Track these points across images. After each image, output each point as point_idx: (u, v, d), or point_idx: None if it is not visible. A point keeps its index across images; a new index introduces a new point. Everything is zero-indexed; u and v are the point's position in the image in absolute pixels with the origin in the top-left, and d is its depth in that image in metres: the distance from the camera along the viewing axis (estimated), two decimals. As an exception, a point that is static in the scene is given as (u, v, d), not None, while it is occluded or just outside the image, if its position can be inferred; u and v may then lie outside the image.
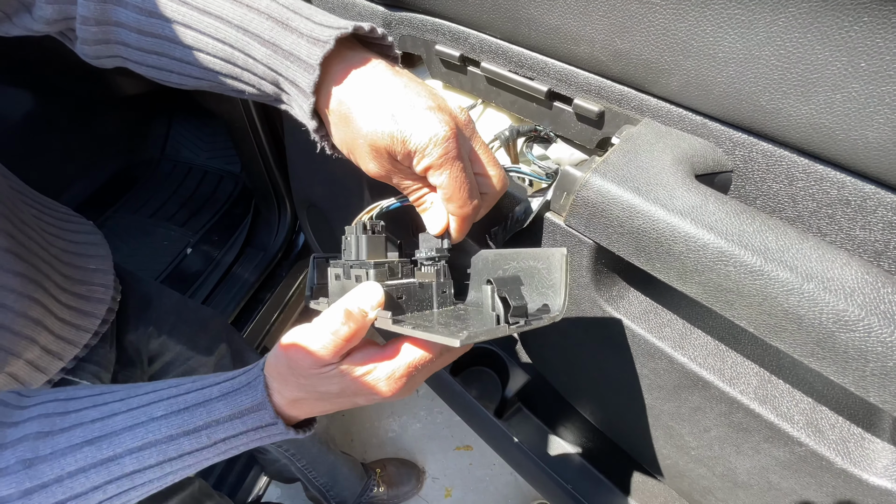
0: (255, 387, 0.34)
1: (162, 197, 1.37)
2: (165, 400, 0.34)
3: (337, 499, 1.23)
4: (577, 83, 0.42)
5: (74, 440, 0.32)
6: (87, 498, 0.32)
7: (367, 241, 0.37)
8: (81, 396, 0.35)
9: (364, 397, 0.35)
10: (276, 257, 1.23)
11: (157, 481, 0.34)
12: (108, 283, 0.63)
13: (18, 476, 0.31)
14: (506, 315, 0.30)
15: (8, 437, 0.32)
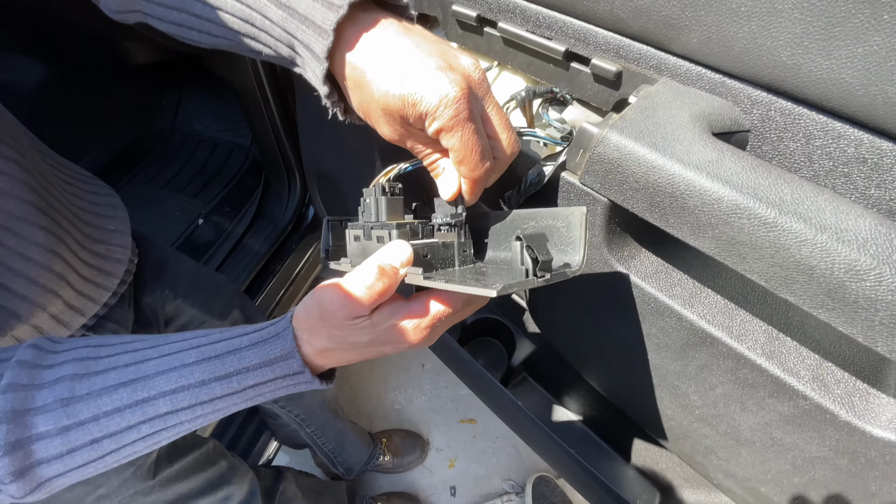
0: (285, 337, 0.36)
1: (174, 168, 1.38)
2: (196, 348, 0.36)
3: (344, 465, 1.27)
4: (596, 42, 0.41)
5: (110, 382, 0.34)
6: (121, 436, 0.34)
7: (386, 203, 0.38)
8: (112, 343, 0.37)
9: (391, 346, 0.37)
10: (287, 229, 1.25)
11: (188, 423, 0.36)
12: (125, 245, 0.64)
13: (56, 414, 0.32)
14: (534, 268, 0.31)
15: (44, 378, 0.34)
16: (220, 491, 0.82)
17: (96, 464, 0.34)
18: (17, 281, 0.47)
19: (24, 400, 0.32)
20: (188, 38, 0.43)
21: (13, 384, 0.32)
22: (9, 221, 0.46)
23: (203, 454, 0.81)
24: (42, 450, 0.32)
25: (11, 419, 0.31)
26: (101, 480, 0.62)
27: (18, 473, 0.32)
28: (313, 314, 0.35)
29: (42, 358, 0.35)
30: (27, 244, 0.47)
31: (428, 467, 1.51)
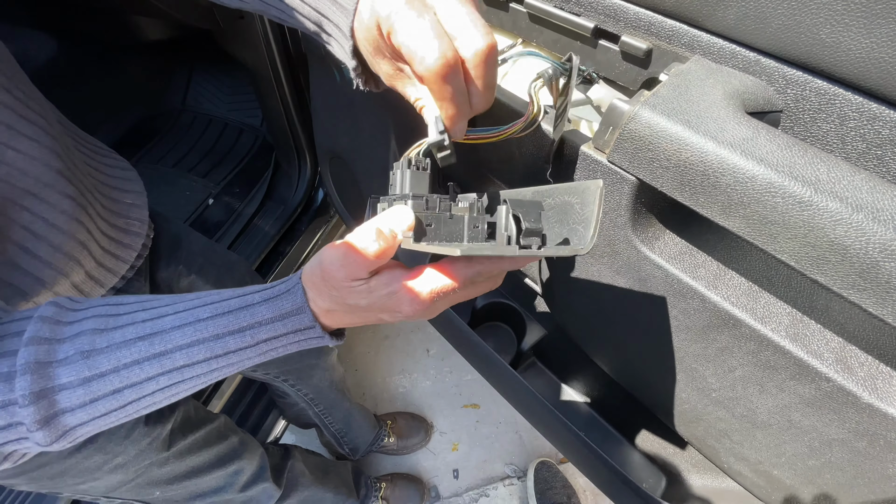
0: (295, 293, 0.36)
1: (183, 148, 1.38)
2: (209, 304, 0.36)
3: (350, 445, 1.29)
4: (627, 18, 0.41)
5: (128, 336, 0.35)
6: (141, 387, 0.35)
7: (410, 176, 0.38)
8: (129, 302, 0.38)
9: (388, 314, 0.37)
10: (296, 211, 1.25)
11: (204, 376, 0.37)
12: (143, 219, 0.64)
13: (78, 366, 0.33)
14: (517, 236, 0.30)
15: (65, 333, 0.35)
16: (231, 465, 0.84)
17: (118, 413, 0.35)
18: (42, 247, 0.47)
19: (46, 352, 0.33)
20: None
21: (35, 337, 0.33)
22: (36, 187, 0.46)
23: (215, 429, 0.82)
24: (65, 399, 0.33)
25: (35, 370, 0.33)
26: (119, 450, 0.63)
27: (44, 421, 0.33)
28: (316, 273, 0.35)
29: (62, 314, 0.36)
30: (53, 211, 0.47)
31: (431, 450, 1.53)
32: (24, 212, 0.45)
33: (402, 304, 0.35)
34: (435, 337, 1.74)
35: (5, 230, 0.44)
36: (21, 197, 0.45)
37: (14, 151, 0.45)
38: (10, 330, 0.35)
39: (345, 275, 0.33)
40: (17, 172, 0.45)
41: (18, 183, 0.45)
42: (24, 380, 0.32)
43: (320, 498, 1.09)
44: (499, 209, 0.31)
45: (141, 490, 0.70)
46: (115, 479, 0.65)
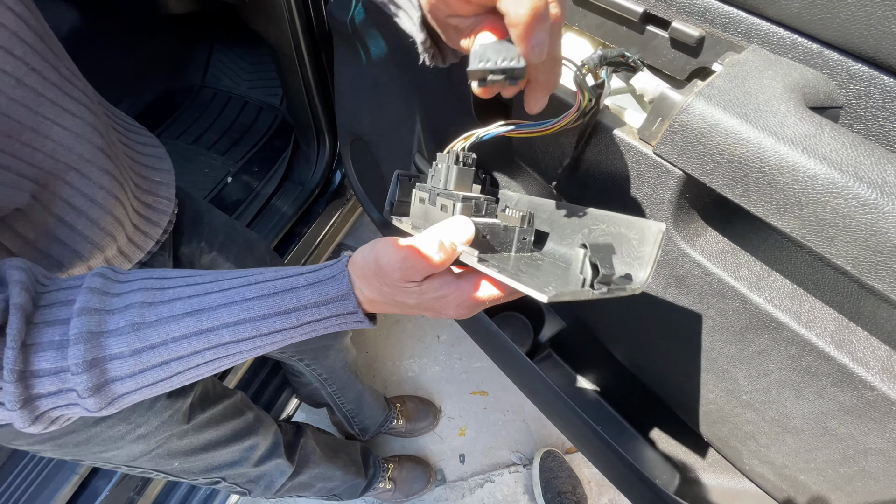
0: (340, 280, 0.37)
1: (202, 125, 1.37)
2: (255, 284, 0.37)
3: (360, 425, 1.31)
4: (678, 4, 0.39)
5: (176, 311, 0.35)
6: (188, 360, 0.36)
7: (457, 173, 0.38)
8: (174, 276, 0.38)
9: (433, 313, 0.38)
10: (314, 193, 1.24)
11: (248, 352, 0.37)
12: (170, 197, 0.64)
13: (129, 337, 0.34)
14: (592, 280, 0.30)
15: (114, 304, 0.35)
16: (247, 440, 0.85)
17: (163, 383, 0.36)
18: (81, 221, 0.47)
19: (98, 323, 0.34)
20: None
21: (86, 308, 0.34)
22: (79, 163, 0.46)
23: (232, 404, 0.83)
24: (116, 368, 0.34)
25: (87, 340, 0.33)
26: (142, 420, 0.64)
27: (95, 389, 0.34)
28: (370, 267, 0.36)
29: (109, 286, 0.36)
30: (93, 187, 0.48)
31: (439, 434, 1.55)
32: (66, 186, 0.46)
33: (448, 308, 0.37)
34: (446, 324, 1.74)
35: (48, 204, 0.45)
36: (64, 172, 0.46)
37: (60, 128, 0.45)
38: (58, 298, 0.35)
39: (400, 276, 0.34)
40: (63, 148, 0.45)
41: (63, 158, 0.45)
42: (77, 349, 0.33)
43: (330, 475, 1.11)
44: (577, 251, 0.31)
45: (160, 461, 0.72)
46: (136, 448, 0.67)
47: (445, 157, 0.38)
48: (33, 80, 0.42)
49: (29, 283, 0.35)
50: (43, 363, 0.33)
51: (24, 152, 0.41)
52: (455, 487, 1.46)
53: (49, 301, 0.35)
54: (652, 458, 0.74)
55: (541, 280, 0.31)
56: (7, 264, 0.35)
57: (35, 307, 0.34)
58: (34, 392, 0.33)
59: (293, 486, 1.01)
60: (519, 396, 1.61)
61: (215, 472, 0.83)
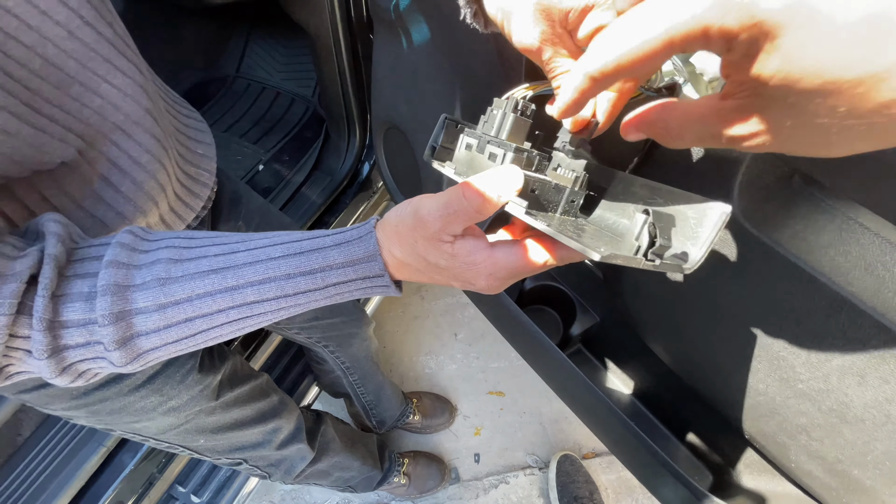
0: (368, 240, 0.36)
1: (235, 114, 1.40)
2: (281, 244, 0.37)
3: (377, 418, 1.31)
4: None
5: (202, 268, 0.35)
6: (212, 318, 0.35)
7: (512, 121, 0.36)
8: (201, 236, 0.38)
9: (461, 283, 0.37)
10: (342, 184, 1.25)
11: (271, 313, 0.37)
12: (211, 170, 0.65)
13: (155, 292, 0.34)
14: (647, 249, 0.29)
15: (141, 260, 0.36)
16: (271, 423, 0.85)
17: (187, 341, 0.36)
18: (126, 183, 0.48)
19: (125, 276, 0.34)
20: None
21: (114, 261, 0.34)
22: (126, 124, 0.47)
23: (258, 386, 0.84)
24: (141, 323, 0.34)
25: (115, 292, 0.33)
26: (173, 393, 0.65)
27: (121, 342, 0.34)
28: (405, 222, 0.35)
29: (138, 243, 0.37)
30: (139, 149, 0.48)
31: (454, 432, 1.53)
32: (112, 146, 0.46)
33: (479, 279, 0.35)
34: (464, 322, 1.74)
35: (94, 162, 0.45)
36: (111, 131, 0.46)
37: (109, 85, 0.45)
38: (89, 254, 0.36)
39: (441, 226, 0.33)
40: (111, 107, 0.46)
41: (111, 117, 0.46)
42: (104, 300, 0.33)
43: (348, 465, 1.11)
44: (637, 216, 0.29)
45: (187, 436, 0.73)
46: (166, 421, 0.67)
47: (503, 104, 0.37)
48: (86, 33, 0.42)
49: (65, 236, 0.35)
50: (71, 314, 0.33)
51: (73, 106, 0.42)
52: (469, 487, 1.44)
53: (81, 256, 0.36)
54: (685, 457, 0.72)
55: (589, 241, 0.29)
56: (45, 217, 0.36)
57: (68, 261, 0.35)
58: (62, 342, 0.33)
59: (311, 474, 1.01)
60: (536, 399, 1.60)
61: (238, 453, 0.84)
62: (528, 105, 0.37)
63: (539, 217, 0.32)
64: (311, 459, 0.97)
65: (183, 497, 1.00)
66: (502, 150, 0.36)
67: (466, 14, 0.39)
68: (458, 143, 0.40)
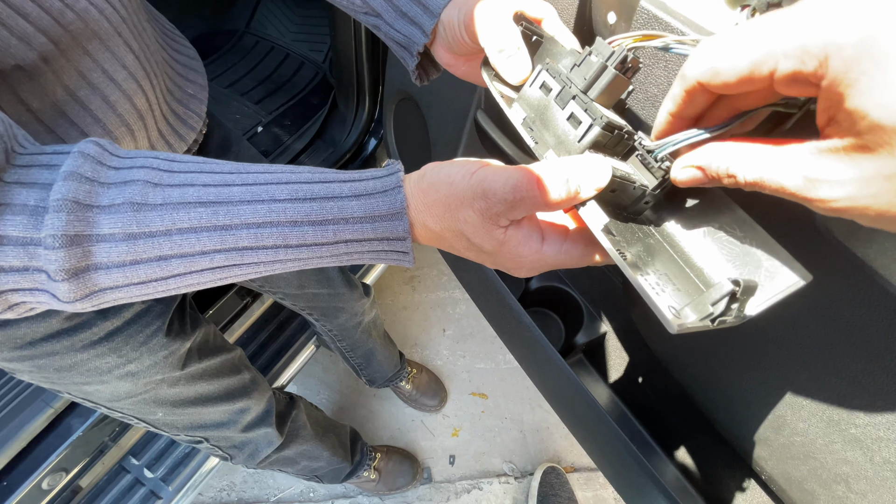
0: (393, 195, 0.30)
1: (240, 70, 1.32)
2: (287, 184, 0.30)
3: (368, 376, 1.30)
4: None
5: (188, 198, 0.28)
6: (192, 260, 0.28)
7: (611, 79, 0.29)
8: (185, 161, 0.31)
9: (496, 265, 0.33)
10: (345, 156, 1.18)
11: (264, 266, 0.30)
12: (200, 113, 0.59)
13: (125, 217, 0.27)
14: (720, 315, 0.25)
15: (111, 177, 0.28)
16: (239, 402, 0.78)
17: (156, 284, 0.29)
18: (96, 100, 0.41)
19: (88, 194, 0.27)
20: None
21: (75, 173, 0.27)
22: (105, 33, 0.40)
23: (229, 360, 0.77)
24: (103, 252, 0.27)
25: (72, 210, 0.26)
26: (134, 355, 0.58)
27: (72, 272, 0.26)
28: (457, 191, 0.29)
29: (107, 157, 0.29)
30: (115, 64, 0.41)
31: (431, 430, 1.47)
32: (85, 57, 0.39)
33: (520, 270, 0.32)
34: (454, 318, 1.68)
35: (60, 72, 0.38)
36: (88, 39, 0.39)
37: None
38: (39, 161, 0.28)
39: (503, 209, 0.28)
40: (95, 11, 0.39)
41: (92, 23, 0.39)
42: (56, 218, 0.26)
43: (317, 455, 1.04)
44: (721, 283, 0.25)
45: (144, 407, 0.65)
46: (122, 387, 0.60)
47: (606, 51, 0.30)
48: None
49: (5, 132, 0.28)
50: (9, 228, 0.26)
51: (54, 6, 0.35)
52: (440, 489, 1.39)
53: (28, 162, 0.28)
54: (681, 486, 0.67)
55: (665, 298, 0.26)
56: None
57: (8, 164, 0.27)
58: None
59: (277, 460, 0.94)
60: (519, 405, 1.54)
61: (199, 431, 0.77)
62: (637, 62, 0.30)
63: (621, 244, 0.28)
64: (278, 445, 0.90)
65: (136, 470, 0.93)
66: (589, 118, 0.29)
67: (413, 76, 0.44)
68: (533, 77, 0.33)
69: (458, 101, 0.72)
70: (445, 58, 0.43)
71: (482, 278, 0.81)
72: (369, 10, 0.43)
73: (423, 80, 0.48)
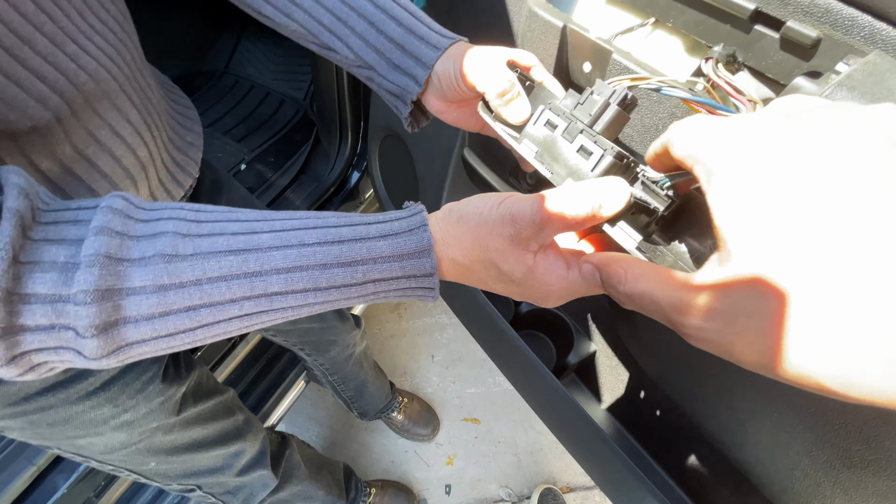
0: (420, 234, 0.32)
1: (221, 109, 1.33)
2: (314, 229, 0.31)
3: (360, 409, 1.28)
4: (795, 3, 0.37)
5: (218, 247, 0.29)
6: (221, 309, 0.29)
7: (614, 115, 0.33)
8: (211, 210, 0.32)
9: (525, 297, 0.34)
10: (329, 191, 1.20)
11: (293, 310, 0.31)
12: (197, 160, 0.60)
13: (157, 269, 0.27)
14: None
15: (140, 230, 0.29)
16: (234, 445, 0.77)
17: (184, 336, 0.29)
18: (104, 157, 0.42)
19: (119, 247, 0.27)
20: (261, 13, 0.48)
21: (106, 228, 0.27)
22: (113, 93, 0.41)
23: (223, 402, 0.75)
24: (134, 306, 0.27)
25: (105, 265, 0.26)
26: (130, 404, 0.57)
27: (102, 328, 0.26)
28: (487, 221, 0.31)
29: (134, 211, 0.30)
30: (122, 121, 0.42)
31: (425, 460, 1.45)
32: (95, 116, 0.41)
33: (549, 300, 0.33)
34: (441, 343, 1.68)
35: (71, 132, 0.39)
36: (99, 100, 0.41)
37: (103, 50, 0.40)
38: (65, 217, 0.28)
39: (533, 232, 0.30)
40: (104, 72, 0.40)
41: (103, 83, 0.40)
42: (89, 273, 0.26)
43: (312, 494, 1.02)
44: None
45: (138, 457, 0.64)
46: (117, 438, 0.59)
47: (607, 91, 0.33)
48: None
49: (30, 190, 0.28)
50: (38, 286, 0.25)
51: (68, 67, 0.36)
52: (438, 520, 1.36)
53: (54, 219, 0.28)
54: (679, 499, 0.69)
55: None
56: (5, 169, 0.28)
57: (35, 222, 0.27)
58: (19, 322, 0.26)
59: (272, 503, 0.92)
60: (512, 427, 1.54)
61: (192, 479, 0.75)
62: (635, 99, 0.33)
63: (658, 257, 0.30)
64: (273, 487, 0.88)
65: (122, 525, 0.88)
66: (600, 149, 0.32)
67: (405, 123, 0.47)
68: (536, 116, 0.36)
69: (444, 138, 0.75)
70: (437, 105, 0.46)
71: (473, 304, 0.83)
72: (363, 63, 0.45)
73: (415, 126, 0.50)
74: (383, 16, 0.44)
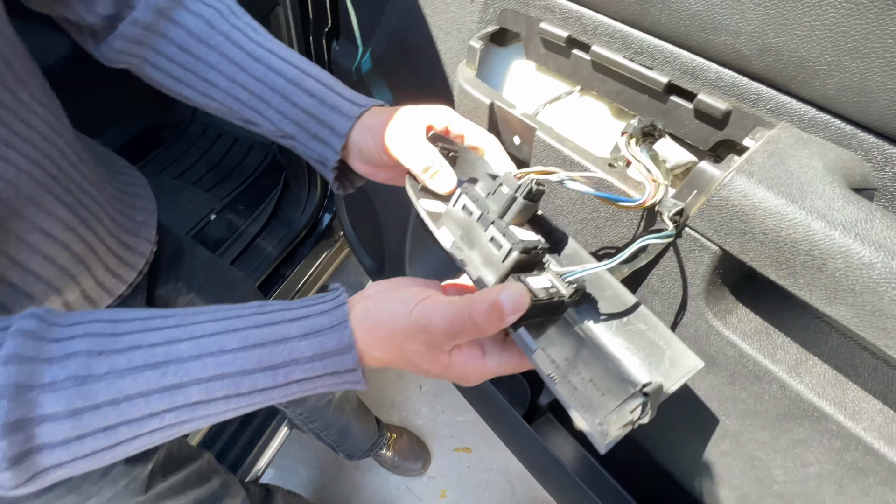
0: (341, 330, 0.32)
1: (189, 159, 1.33)
2: (234, 332, 0.31)
3: (346, 452, 1.26)
4: (706, 77, 0.39)
5: (135, 362, 0.29)
6: (140, 424, 0.29)
7: (521, 207, 0.34)
8: (129, 319, 0.32)
9: (447, 378, 0.36)
10: (300, 234, 1.20)
11: (217, 416, 0.31)
12: (150, 238, 0.60)
13: (69, 393, 0.27)
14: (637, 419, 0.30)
15: (52, 352, 0.28)
16: (210, 513, 0.76)
17: (104, 454, 0.29)
18: (37, 260, 0.42)
19: (29, 374, 0.27)
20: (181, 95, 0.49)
21: (16, 355, 0.27)
22: (38, 195, 0.41)
23: (196, 469, 0.74)
24: (47, 433, 0.27)
25: (14, 395, 0.26)
26: (93, 490, 0.56)
27: (15, 459, 0.26)
28: (400, 328, 0.32)
29: (47, 330, 0.29)
30: (52, 220, 0.42)
31: (418, 496, 1.44)
32: (22, 221, 0.40)
33: (468, 382, 0.35)
34: (429, 372, 1.67)
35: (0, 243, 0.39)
36: (24, 205, 0.40)
37: (25, 154, 0.40)
38: None
39: (444, 341, 0.31)
40: (25, 175, 0.40)
41: (25, 189, 0.40)
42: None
43: (300, 547, 1.00)
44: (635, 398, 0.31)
45: (108, 541, 0.63)
46: (83, 526, 0.58)
47: (514, 184, 0.35)
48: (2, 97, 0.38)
49: None
50: None
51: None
52: (434, 558, 1.34)
53: None
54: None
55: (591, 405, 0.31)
56: None
57: None
58: None
59: (259, 563, 0.90)
60: (503, 454, 1.53)
61: (166, 553, 0.73)
62: (541, 189, 0.35)
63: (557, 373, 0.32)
64: (256, 547, 0.87)
65: None
66: (508, 244, 0.33)
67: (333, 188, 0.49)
68: (455, 198, 0.37)
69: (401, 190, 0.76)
70: (363, 169, 0.47)
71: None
72: (284, 134, 0.47)
73: (348, 188, 0.52)
74: (295, 89, 0.45)
